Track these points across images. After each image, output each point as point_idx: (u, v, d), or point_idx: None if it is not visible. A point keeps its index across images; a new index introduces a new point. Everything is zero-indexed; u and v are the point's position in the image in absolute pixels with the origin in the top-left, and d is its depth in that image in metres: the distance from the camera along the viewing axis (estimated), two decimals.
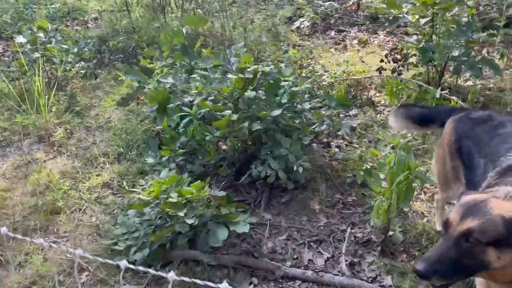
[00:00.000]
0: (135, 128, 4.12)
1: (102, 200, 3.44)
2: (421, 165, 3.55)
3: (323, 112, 4.16)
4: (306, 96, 3.69)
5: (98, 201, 3.43)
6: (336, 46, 6.13)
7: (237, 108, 3.25)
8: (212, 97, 3.25)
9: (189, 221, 2.54)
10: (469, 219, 1.61)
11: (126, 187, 3.45)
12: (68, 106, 4.70)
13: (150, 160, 3.49)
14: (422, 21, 4.67)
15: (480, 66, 4.37)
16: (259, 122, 3.17)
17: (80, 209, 3.35)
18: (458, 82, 4.86)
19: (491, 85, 4.93)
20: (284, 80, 3.42)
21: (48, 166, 3.83)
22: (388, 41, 6.21)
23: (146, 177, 3.30)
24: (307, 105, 3.44)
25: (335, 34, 6.57)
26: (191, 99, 3.59)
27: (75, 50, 5.03)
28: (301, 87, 3.26)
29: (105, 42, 6.03)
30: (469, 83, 5.00)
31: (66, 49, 4.93)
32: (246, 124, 3.11)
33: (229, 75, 3.36)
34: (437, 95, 4.02)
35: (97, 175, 3.71)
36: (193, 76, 3.55)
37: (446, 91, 4.07)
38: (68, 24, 6.93)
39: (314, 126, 3.34)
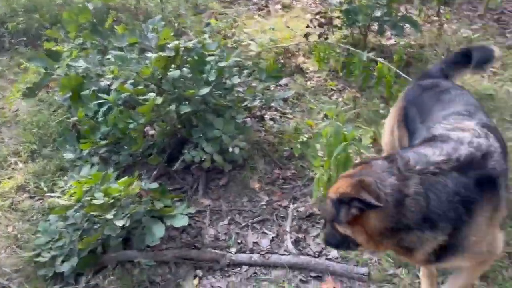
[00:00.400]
0: (47, 120, 3.68)
1: (18, 206, 3.05)
2: (354, 130, 3.53)
3: (254, 84, 4.00)
4: (234, 69, 3.49)
5: (13, 208, 3.05)
6: (259, 13, 5.91)
7: (161, 89, 2.97)
8: (132, 80, 2.93)
9: (119, 223, 2.29)
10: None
11: (45, 189, 3.09)
12: None
13: (69, 155, 3.14)
14: None
15: (401, 24, 4.42)
16: (187, 103, 2.93)
17: None
18: (382, 42, 4.91)
19: (412, 42, 5.04)
20: (210, 55, 3.18)
21: None
22: (311, 4, 6.10)
23: (65, 177, 2.96)
24: (236, 79, 3.23)
25: None
26: (108, 83, 3.24)
27: None
28: (229, 61, 3.04)
29: (3, 24, 5.30)
30: (391, 41, 5.08)
31: None
32: (173, 107, 2.86)
33: (148, 54, 3.05)
34: (364, 58, 4.01)
35: (9, 178, 3.29)
36: (107, 57, 3.19)
37: (372, 53, 4.06)
38: None
39: (246, 102, 3.16)
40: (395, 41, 4.95)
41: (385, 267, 2.46)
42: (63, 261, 2.47)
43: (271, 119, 3.99)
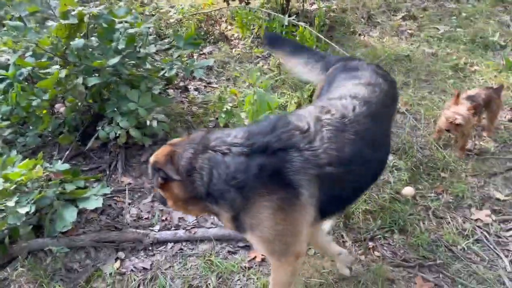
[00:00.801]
0: None
1: None
2: (280, 96, 3.50)
3: (173, 54, 3.81)
4: (151, 38, 3.27)
5: None
6: None
7: (66, 61, 2.71)
8: (31, 52, 2.64)
9: (23, 210, 2.08)
10: None
11: None
12: None
13: None
14: None
15: None
16: (96, 75, 2.70)
17: None
18: (305, 7, 4.87)
19: (334, 7, 5.06)
20: (120, 22, 2.93)
21: None
22: None
23: None
24: (152, 48, 3.03)
25: None
26: (9, 58, 2.91)
27: None
28: (141, 27, 2.83)
29: None
30: (314, 7, 5.06)
31: None
32: (80, 79, 2.62)
33: (49, 23, 2.76)
34: (286, 22, 3.95)
35: None
36: (4, 29, 2.85)
37: (293, 17, 4.00)
38: None
39: (164, 71, 2.98)
40: (318, 6, 4.94)
41: None
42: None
43: (196, 89, 3.85)
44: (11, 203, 2.06)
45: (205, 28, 4.58)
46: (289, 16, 4.07)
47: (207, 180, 1.62)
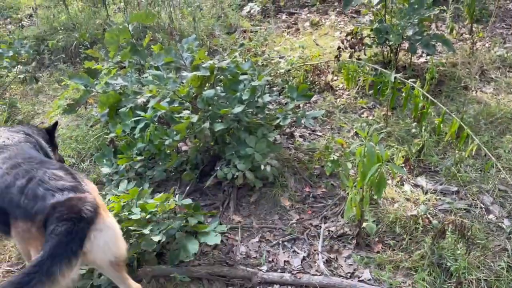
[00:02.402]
0: (85, 135, 3.82)
1: None
2: (386, 149, 3.52)
3: (283, 101, 4.05)
4: (266, 88, 3.55)
5: None
6: (288, 30, 5.99)
7: (195, 107, 3.06)
8: (168, 99, 3.03)
9: (156, 238, 2.35)
10: None
11: None
12: (8, 116, 4.30)
13: (106, 169, 3.24)
14: (375, 1, 4.62)
15: (433, 43, 4.40)
16: (220, 121, 2.99)
17: None
18: (413, 60, 4.89)
19: (444, 61, 4.99)
20: (243, 74, 3.25)
21: None
22: (340, 22, 6.14)
23: (103, 191, 3.05)
24: (267, 98, 3.29)
25: (286, 17, 6.43)
26: (144, 100, 3.36)
27: (11, 53, 4.57)
28: (261, 81, 3.10)
29: (43, 42, 5.57)
30: (422, 59, 5.05)
31: (0, 52, 4.49)
32: (207, 124, 2.93)
33: (184, 73, 3.15)
34: (392, 79, 3.99)
35: None
36: (144, 76, 3.31)
37: (400, 74, 4.02)
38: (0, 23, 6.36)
39: (278, 120, 3.20)
40: (426, 59, 4.92)
41: None
42: (100, 275, 2.53)
43: (301, 136, 4.02)
44: (146, 231, 2.34)
45: (311, 78, 4.79)
46: (397, 69, 4.11)
47: None
